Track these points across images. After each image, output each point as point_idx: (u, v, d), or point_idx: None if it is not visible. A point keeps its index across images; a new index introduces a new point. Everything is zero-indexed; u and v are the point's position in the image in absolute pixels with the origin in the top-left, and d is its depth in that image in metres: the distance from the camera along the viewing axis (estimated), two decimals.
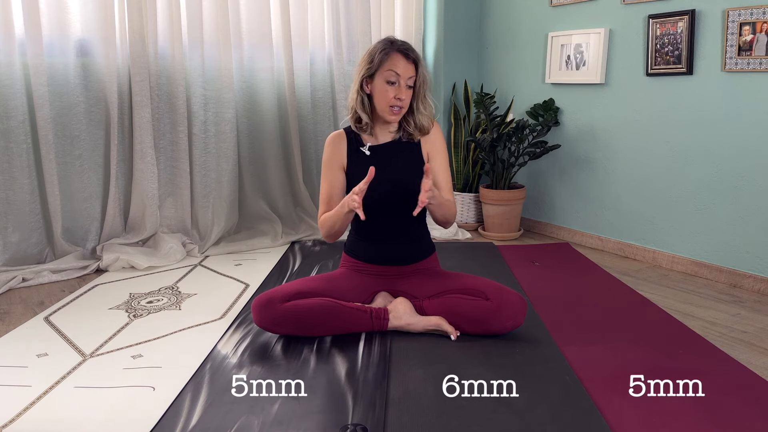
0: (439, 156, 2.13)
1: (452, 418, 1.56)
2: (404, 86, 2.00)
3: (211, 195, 3.24)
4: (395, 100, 1.99)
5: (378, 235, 2.12)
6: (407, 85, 2.01)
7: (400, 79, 1.99)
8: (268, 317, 1.96)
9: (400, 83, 1.99)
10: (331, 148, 2.13)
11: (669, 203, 3.00)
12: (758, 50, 2.56)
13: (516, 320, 2.00)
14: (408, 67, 2.00)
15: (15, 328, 2.20)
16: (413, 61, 2.00)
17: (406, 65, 1.99)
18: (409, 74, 2.00)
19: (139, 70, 2.95)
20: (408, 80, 2.00)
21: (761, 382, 1.80)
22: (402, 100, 2.00)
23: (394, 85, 1.99)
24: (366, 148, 2.10)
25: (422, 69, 2.03)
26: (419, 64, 2.02)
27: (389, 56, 1.99)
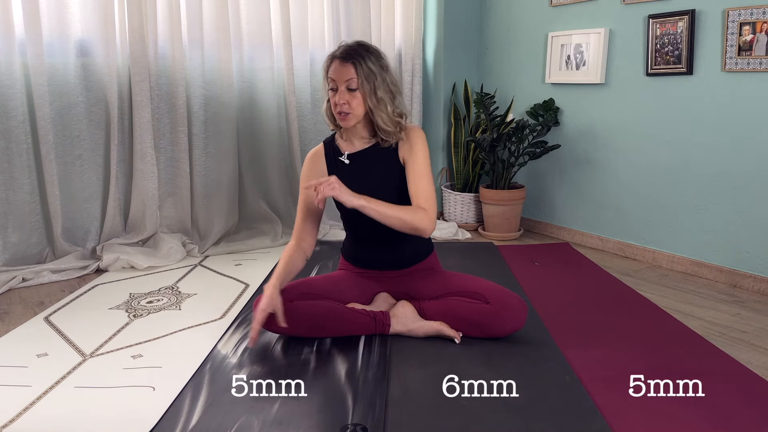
0: (414, 161, 1.98)
1: (452, 418, 1.56)
2: (343, 90, 1.90)
3: (211, 195, 3.24)
4: (336, 105, 1.93)
5: (370, 240, 2.11)
6: (347, 88, 1.90)
7: (337, 84, 1.91)
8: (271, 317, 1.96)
9: (340, 88, 1.91)
10: (307, 167, 2.11)
11: (669, 203, 3.00)
12: (758, 50, 2.56)
13: (516, 324, 1.99)
14: (343, 69, 1.90)
15: (15, 328, 2.20)
16: (351, 62, 1.89)
17: (341, 68, 1.90)
18: (346, 77, 1.89)
19: (139, 70, 2.95)
20: (347, 83, 1.90)
21: (761, 382, 1.80)
22: (344, 105, 1.91)
23: (335, 91, 1.93)
24: (344, 157, 2.06)
25: (366, 68, 1.90)
26: (360, 65, 1.89)
27: (330, 64, 1.93)
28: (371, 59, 1.92)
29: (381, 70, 1.93)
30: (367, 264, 2.15)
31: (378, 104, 1.93)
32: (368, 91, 1.91)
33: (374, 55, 1.94)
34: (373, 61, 1.92)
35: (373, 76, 1.91)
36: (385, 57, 1.99)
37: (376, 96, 1.92)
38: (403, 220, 1.87)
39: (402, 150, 2.01)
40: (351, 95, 1.91)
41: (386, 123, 1.95)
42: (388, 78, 1.95)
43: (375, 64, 1.92)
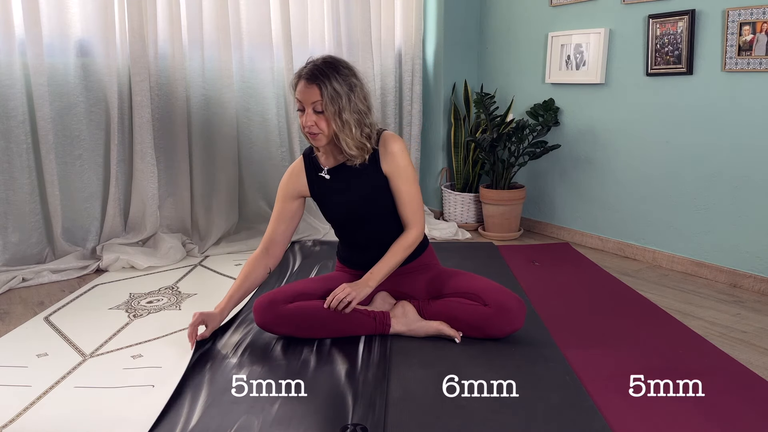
0: (399, 175, 1.98)
1: (452, 418, 1.56)
2: (310, 113, 1.86)
3: (211, 195, 3.24)
4: (304, 126, 1.89)
5: (361, 245, 2.11)
6: (314, 110, 1.86)
7: (303, 105, 1.87)
8: (271, 318, 1.96)
9: (306, 110, 1.87)
10: (287, 179, 2.10)
11: (669, 203, 3.00)
12: (758, 50, 2.56)
13: (514, 325, 1.98)
14: (309, 91, 1.85)
15: (15, 328, 2.20)
16: (317, 84, 1.84)
17: (307, 90, 1.85)
18: (312, 99, 1.85)
19: (139, 70, 2.95)
20: (313, 105, 1.86)
21: (761, 382, 1.80)
22: (311, 126, 1.87)
23: (303, 112, 1.89)
24: (324, 172, 2.04)
25: (332, 90, 1.84)
26: (325, 87, 1.83)
27: (297, 84, 1.89)
28: (338, 79, 1.85)
29: (348, 90, 1.87)
30: (363, 266, 2.14)
31: (343, 127, 1.87)
32: (332, 114, 1.85)
33: (342, 73, 1.87)
34: (339, 81, 1.85)
35: (339, 98, 1.84)
36: (355, 73, 1.93)
37: (341, 119, 1.86)
38: (405, 254, 2.02)
39: (384, 162, 1.98)
40: (318, 117, 1.87)
41: (350, 147, 1.91)
42: (355, 97, 1.88)
43: (342, 83, 1.86)
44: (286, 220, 2.11)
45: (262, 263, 2.07)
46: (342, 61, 1.93)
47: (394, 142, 1.98)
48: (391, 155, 1.97)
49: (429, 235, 3.50)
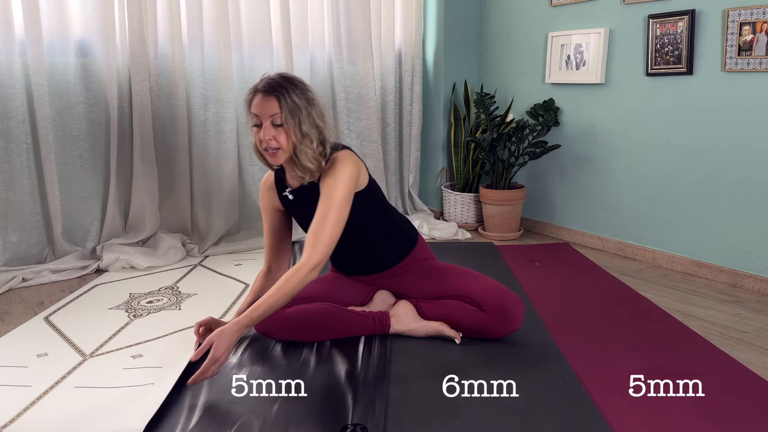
0: (322, 195, 1.84)
1: (452, 418, 1.56)
2: (268, 126, 1.79)
3: (211, 195, 3.24)
4: (262, 142, 1.81)
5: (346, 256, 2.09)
6: (273, 123, 1.79)
7: (261, 119, 1.80)
8: (269, 324, 1.95)
9: (264, 123, 1.79)
10: (262, 193, 2.07)
11: (669, 203, 3.00)
12: (758, 50, 2.56)
13: (513, 327, 1.98)
14: (267, 104, 1.78)
15: (15, 328, 2.20)
16: (275, 96, 1.77)
17: (264, 102, 1.78)
18: (270, 112, 1.77)
19: (139, 70, 2.95)
20: (271, 118, 1.78)
21: (761, 382, 1.80)
22: (271, 140, 1.79)
23: (260, 127, 1.81)
24: (288, 192, 1.99)
25: (291, 102, 1.77)
26: (283, 99, 1.77)
27: (252, 99, 1.81)
28: (296, 92, 1.80)
29: (306, 104, 1.81)
30: (354, 272, 2.14)
31: (303, 140, 1.80)
32: (292, 125, 1.78)
33: (299, 87, 1.82)
34: (297, 95, 1.80)
35: (298, 110, 1.79)
36: (310, 89, 1.87)
37: (300, 131, 1.79)
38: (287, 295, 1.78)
39: (321, 181, 1.88)
40: (277, 130, 1.79)
41: (310, 159, 1.82)
42: (314, 112, 1.83)
43: (300, 97, 1.80)
44: (278, 231, 2.09)
45: (270, 280, 2.03)
46: (297, 77, 1.87)
47: (340, 165, 1.85)
48: (329, 176, 1.85)
49: (429, 235, 3.50)
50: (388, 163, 3.85)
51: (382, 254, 2.08)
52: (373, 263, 2.09)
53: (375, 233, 2.03)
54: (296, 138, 1.80)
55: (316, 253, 1.80)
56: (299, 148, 1.81)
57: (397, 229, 2.10)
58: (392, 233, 2.08)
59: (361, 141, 3.70)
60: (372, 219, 2.01)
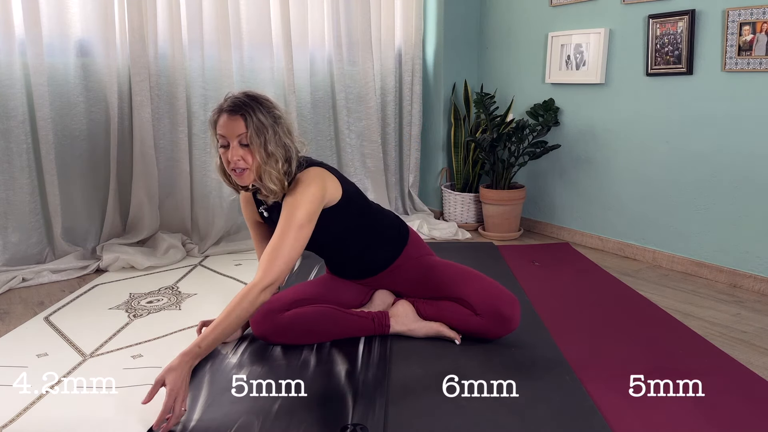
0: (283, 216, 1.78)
1: (452, 418, 1.56)
2: (236, 146, 1.74)
3: (211, 195, 3.24)
4: (229, 162, 1.75)
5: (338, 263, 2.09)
6: (240, 143, 1.74)
7: (228, 139, 1.74)
8: (269, 328, 1.95)
9: (232, 143, 1.74)
10: (243, 205, 2.06)
11: (669, 203, 3.00)
12: (758, 50, 2.56)
13: (510, 329, 1.97)
14: (233, 124, 1.73)
15: (15, 328, 2.20)
16: (241, 115, 1.73)
17: (230, 123, 1.73)
18: (237, 132, 1.73)
19: (139, 70, 2.95)
20: (238, 138, 1.73)
21: (761, 382, 1.80)
22: (238, 161, 1.74)
23: (226, 148, 1.75)
24: (263, 209, 1.97)
25: (257, 120, 1.73)
26: (249, 117, 1.72)
27: (218, 119, 1.77)
28: (261, 111, 1.75)
29: (273, 122, 1.76)
30: (350, 276, 2.13)
31: (268, 160, 1.75)
32: (258, 145, 1.73)
33: (264, 106, 1.78)
34: (263, 113, 1.75)
35: (264, 129, 1.74)
36: (276, 106, 1.82)
37: (266, 151, 1.74)
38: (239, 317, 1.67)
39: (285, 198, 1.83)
40: (245, 150, 1.74)
41: (273, 181, 1.77)
42: (280, 130, 1.78)
43: (266, 115, 1.75)
44: (265, 239, 2.04)
45: None
46: (262, 95, 1.83)
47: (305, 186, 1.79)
48: (291, 195, 1.80)
49: (429, 235, 3.50)
50: (388, 163, 3.85)
51: (375, 257, 2.06)
52: (367, 267, 2.08)
53: (363, 240, 2.01)
54: (261, 158, 1.74)
55: (270, 274, 1.71)
56: (264, 168, 1.76)
57: (386, 230, 2.08)
58: (381, 236, 2.06)
59: (361, 141, 3.70)
60: (357, 227, 1.98)
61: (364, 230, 2.00)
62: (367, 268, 2.08)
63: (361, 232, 2.00)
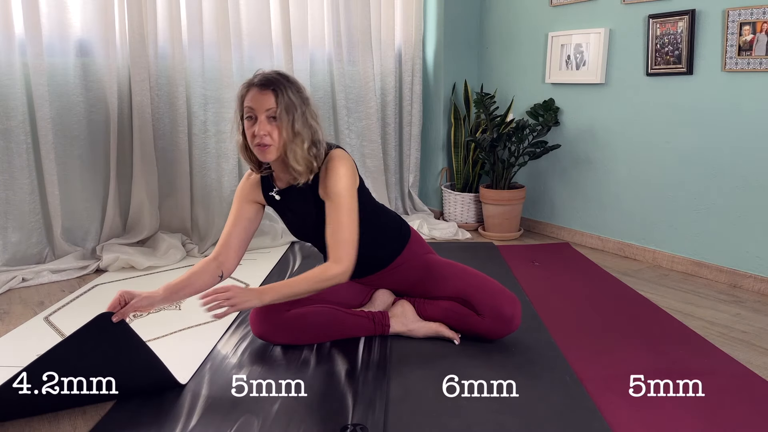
0: (331, 202, 1.83)
1: (452, 418, 1.56)
2: (263, 120, 1.75)
3: (211, 195, 3.24)
4: (254, 136, 1.76)
5: None
6: (268, 117, 1.75)
7: (256, 113, 1.75)
8: (270, 327, 1.95)
9: (259, 117, 1.75)
10: (244, 182, 2.00)
11: (669, 203, 3.00)
12: (758, 50, 2.56)
13: (511, 329, 1.97)
14: (263, 98, 1.74)
15: (15, 328, 2.20)
16: (272, 90, 1.75)
17: (260, 96, 1.75)
18: (266, 105, 1.74)
19: (139, 70, 2.95)
20: (267, 112, 1.74)
21: (761, 382, 1.80)
22: (264, 136, 1.75)
23: (252, 120, 1.77)
24: (275, 193, 1.95)
25: (287, 98, 1.75)
26: (280, 93, 1.74)
27: (247, 93, 1.79)
28: (291, 89, 1.77)
29: (301, 102, 1.78)
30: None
31: (294, 138, 1.77)
32: (286, 122, 1.75)
33: (295, 85, 1.80)
34: (293, 92, 1.77)
35: (293, 107, 1.76)
36: (304, 89, 1.85)
37: (293, 129, 1.76)
38: (316, 286, 1.82)
39: (321, 185, 1.86)
40: (272, 126, 1.76)
41: (298, 161, 1.79)
42: (308, 112, 1.80)
43: (295, 95, 1.78)
44: (242, 222, 1.98)
45: (211, 266, 1.92)
46: (291, 76, 1.85)
47: (338, 164, 1.83)
48: (329, 178, 1.83)
49: (429, 235, 3.50)
50: (388, 163, 3.85)
51: (376, 253, 2.06)
52: (369, 264, 2.07)
53: (367, 234, 1.99)
54: (287, 136, 1.76)
55: (345, 259, 1.83)
56: (289, 146, 1.77)
57: (389, 227, 2.08)
58: (384, 233, 2.06)
59: (361, 141, 3.70)
60: (363, 220, 1.96)
61: (369, 224, 1.99)
62: (369, 265, 2.08)
63: (366, 226, 1.99)
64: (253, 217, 2.00)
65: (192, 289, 1.88)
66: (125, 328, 1.61)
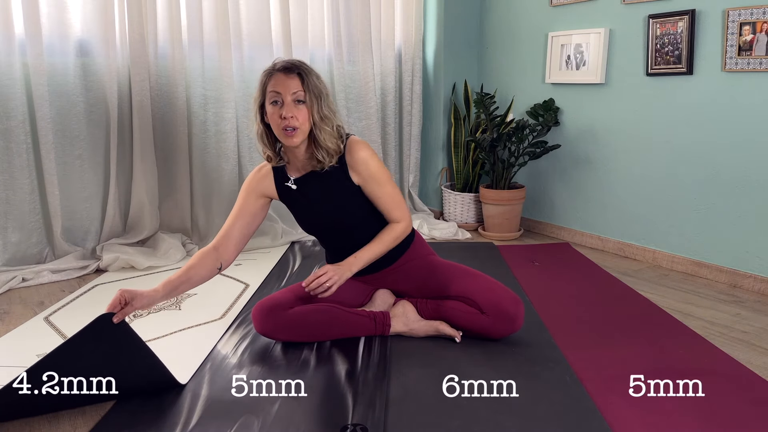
0: (375, 182, 1.93)
1: (452, 418, 1.56)
2: (290, 103, 1.78)
3: (211, 195, 3.24)
4: (282, 120, 1.79)
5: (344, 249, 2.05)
6: (295, 100, 1.79)
7: (282, 97, 1.79)
8: (271, 325, 1.95)
9: (285, 100, 1.78)
10: (254, 175, 2.02)
11: (669, 203, 3.00)
12: (758, 50, 2.56)
13: (513, 328, 1.98)
14: (289, 81, 1.78)
15: (15, 328, 2.20)
16: (297, 74, 1.79)
17: (287, 80, 1.79)
18: (292, 89, 1.78)
19: (139, 70, 2.95)
20: (293, 95, 1.79)
21: (761, 382, 1.80)
22: (291, 119, 1.78)
23: (278, 105, 1.80)
24: (291, 182, 1.97)
25: (312, 81, 1.81)
26: (306, 77, 1.80)
27: (271, 78, 1.81)
28: (314, 74, 1.84)
29: (324, 88, 1.85)
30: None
31: (323, 120, 1.82)
32: (316, 105, 1.81)
33: (315, 73, 1.85)
34: (316, 77, 1.84)
35: (318, 90, 1.82)
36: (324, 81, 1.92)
37: (321, 111, 1.82)
38: (392, 244, 1.99)
39: (353, 171, 1.92)
40: (298, 109, 1.79)
41: (329, 139, 1.85)
42: (328, 98, 1.87)
43: (319, 80, 1.85)
44: (246, 216, 1.99)
45: (210, 258, 1.92)
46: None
47: (360, 148, 1.91)
48: (360, 164, 1.91)
49: (429, 235, 3.50)
50: (388, 163, 3.85)
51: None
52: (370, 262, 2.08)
53: (373, 229, 2.02)
54: (317, 118, 1.82)
55: (405, 216, 2.00)
56: (318, 127, 1.83)
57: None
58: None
59: None
60: (370, 215, 2.01)
61: (375, 221, 2.02)
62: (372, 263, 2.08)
63: (372, 222, 2.02)
64: (257, 212, 2.02)
65: (191, 283, 1.89)
66: (125, 328, 1.61)
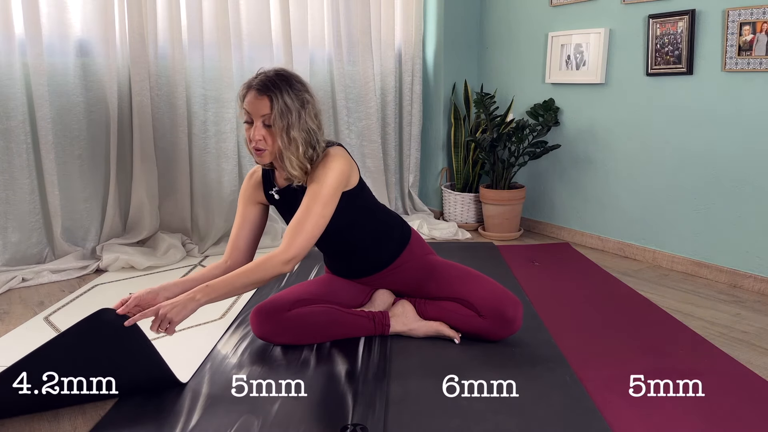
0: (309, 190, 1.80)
1: (452, 418, 1.56)
2: (259, 125, 1.74)
3: (211, 195, 3.24)
4: (251, 141, 1.76)
5: (341, 253, 2.07)
6: (264, 124, 1.74)
7: (253, 117, 1.75)
8: (271, 328, 1.95)
9: (255, 122, 1.74)
10: (246, 183, 2.00)
11: (669, 203, 3.00)
12: (758, 50, 2.56)
13: (512, 330, 1.97)
14: (258, 103, 1.72)
15: (15, 328, 2.20)
16: (267, 96, 1.72)
17: (256, 101, 1.73)
18: (262, 112, 1.73)
19: (139, 70, 2.95)
20: (262, 118, 1.73)
21: (761, 382, 1.80)
22: (260, 141, 1.74)
23: (250, 124, 1.76)
24: (275, 192, 1.95)
25: (283, 103, 1.72)
26: (276, 100, 1.71)
27: (246, 94, 1.76)
28: (290, 93, 1.74)
29: (300, 107, 1.75)
30: (349, 274, 2.12)
31: (289, 145, 1.75)
32: (280, 129, 1.73)
33: (295, 87, 1.76)
34: (291, 96, 1.74)
35: (289, 113, 1.73)
36: (308, 89, 1.81)
37: (288, 135, 1.74)
38: (253, 282, 1.74)
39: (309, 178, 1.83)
40: (267, 131, 1.75)
41: (293, 166, 1.78)
42: (305, 114, 1.76)
43: (294, 98, 1.74)
44: (248, 224, 1.99)
45: (220, 271, 1.94)
46: (295, 75, 1.81)
47: (331, 159, 1.81)
48: (319, 169, 1.80)
49: (429, 235, 3.50)
50: (388, 163, 3.85)
51: (376, 254, 2.06)
52: (370, 263, 2.08)
53: (365, 235, 2.01)
54: (282, 143, 1.75)
55: (293, 247, 1.76)
56: (284, 153, 1.76)
57: (391, 227, 2.07)
58: (386, 232, 2.06)
59: (361, 141, 3.70)
60: (362, 221, 1.98)
61: (371, 223, 2.01)
62: (370, 265, 2.08)
63: (368, 225, 2.00)
64: (258, 218, 2.02)
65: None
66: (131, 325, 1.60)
